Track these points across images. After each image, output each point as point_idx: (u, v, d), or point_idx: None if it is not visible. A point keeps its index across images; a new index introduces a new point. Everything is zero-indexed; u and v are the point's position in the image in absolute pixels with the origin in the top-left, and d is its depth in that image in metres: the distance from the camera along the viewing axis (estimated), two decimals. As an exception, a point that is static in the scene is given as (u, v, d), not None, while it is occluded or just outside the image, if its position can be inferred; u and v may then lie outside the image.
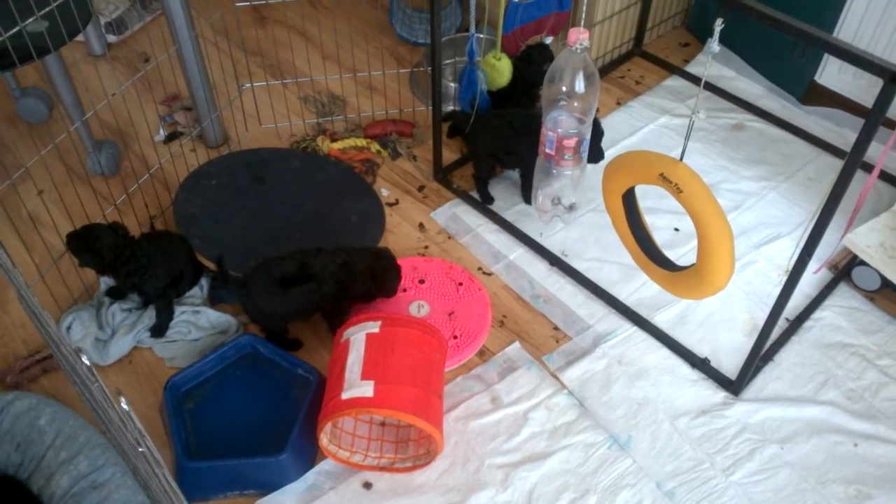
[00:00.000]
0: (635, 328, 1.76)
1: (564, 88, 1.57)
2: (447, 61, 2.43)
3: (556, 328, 1.77)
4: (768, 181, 2.12)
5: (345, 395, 1.39)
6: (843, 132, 2.24)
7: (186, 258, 1.73)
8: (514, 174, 2.09)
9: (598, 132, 1.87)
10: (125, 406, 0.82)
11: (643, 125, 2.29)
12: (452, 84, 2.31)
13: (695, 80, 2.44)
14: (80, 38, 2.49)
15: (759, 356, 1.59)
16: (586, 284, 1.85)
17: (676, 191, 1.43)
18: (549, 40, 2.16)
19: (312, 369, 1.59)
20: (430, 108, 2.00)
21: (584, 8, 2.29)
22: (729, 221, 1.44)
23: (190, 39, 1.97)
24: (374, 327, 1.48)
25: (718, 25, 1.28)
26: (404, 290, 1.80)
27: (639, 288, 1.84)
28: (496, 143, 1.96)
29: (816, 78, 2.28)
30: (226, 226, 1.85)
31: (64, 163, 2.05)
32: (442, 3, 2.26)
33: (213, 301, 1.81)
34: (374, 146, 2.19)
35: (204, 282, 1.81)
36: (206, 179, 1.97)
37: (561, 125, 1.62)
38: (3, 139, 2.20)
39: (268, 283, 1.61)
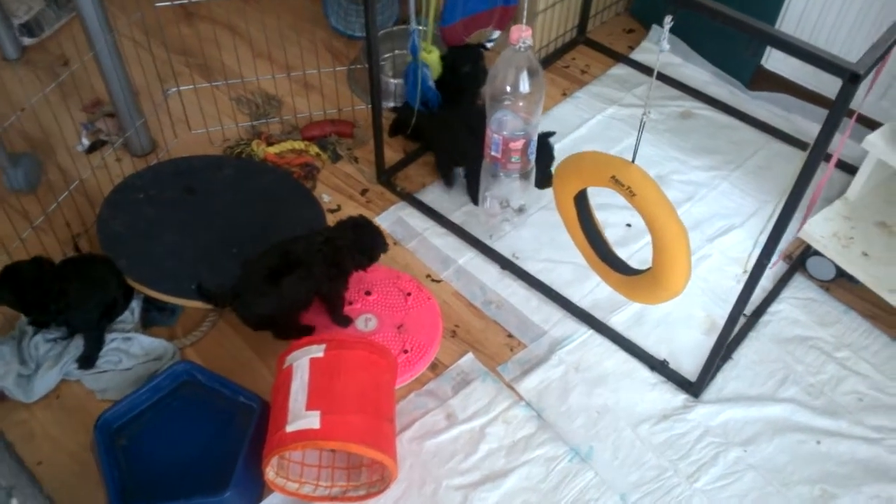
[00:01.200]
0: (591, 332, 1.71)
1: (508, 88, 1.49)
2: (386, 55, 2.34)
3: (510, 335, 1.70)
4: (718, 170, 2.08)
5: (290, 428, 1.30)
6: (792, 118, 2.22)
7: (116, 283, 1.62)
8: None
9: (546, 152, 1.80)
10: None
11: (590, 116, 2.23)
12: (393, 80, 2.21)
13: (641, 67, 2.38)
14: (-10, 41, 2.32)
15: (719, 357, 1.54)
16: (539, 287, 1.78)
17: (629, 194, 1.37)
18: (496, 34, 2.08)
19: (255, 396, 1.50)
20: (370, 106, 1.90)
21: (527, -3, 2.23)
22: (683, 224, 1.38)
23: (106, 42, 1.83)
24: (318, 351, 1.39)
25: (668, 23, 1.21)
26: (350, 304, 1.70)
27: (593, 289, 1.78)
28: (452, 142, 1.88)
29: (763, 63, 2.25)
30: (155, 244, 1.73)
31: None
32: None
33: (146, 325, 1.70)
34: (313, 149, 2.08)
35: (135, 304, 1.69)
36: (132, 193, 1.84)
37: (506, 127, 1.54)
38: None
39: (257, 283, 1.54)
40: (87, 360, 1.60)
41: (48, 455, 1.50)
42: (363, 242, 1.61)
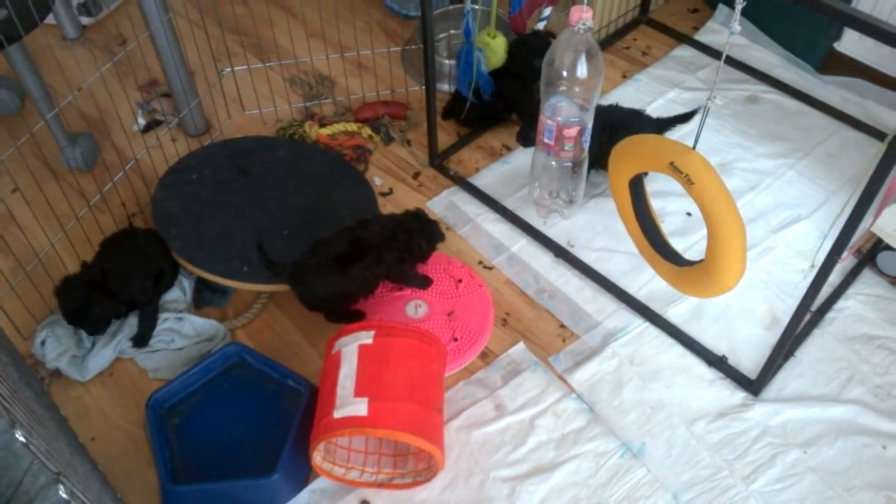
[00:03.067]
0: (647, 324, 1.66)
1: (565, 73, 1.44)
2: (441, 36, 2.30)
3: (562, 326, 1.66)
4: (785, 158, 1.99)
5: (337, 414, 1.29)
6: (866, 103, 2.11)
7: (161, 252, 1.64)
8: (513, 160, 1.96)
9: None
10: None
11: (651, 100, 2.16)
12: (447, 61, 2.17)
13: (706, 49, 2.29)
14: (52, 20, 2.36)
15: (782, 354, 1.48)
16: (594, 277, 1.73)
17: (687, 182, 1.31)
18: (548, 11, 2.02)
19: (303, 380, 1.49)
20: (424, 87, 1.87)
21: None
22: (742, 219, 1.31)
23: (162, 21, 1.83)
24: (367, 338, 1.38)
25: (740, 3, 1.14)
26: (400, 289, 1.69)
27: (650, 280, 1.72)
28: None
29: (836, 45, 2.14)
30: (208, 225, 1.73)
31: (40, 158, 1.93)
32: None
33: (198, 306, 1.71)
34: (366, 131, 2.06)
35: (187, 284, 1.70)
36: (186, 174, 1.85)
37: (561, 113, 1.49)
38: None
39: (323, 265, 1.52)
40: (142, 339, 1.61)
41: (101, 431, 1.52)
42: (424, 228, 1.59)
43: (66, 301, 1.55)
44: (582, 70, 1.43)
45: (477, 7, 1.95)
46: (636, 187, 1.49)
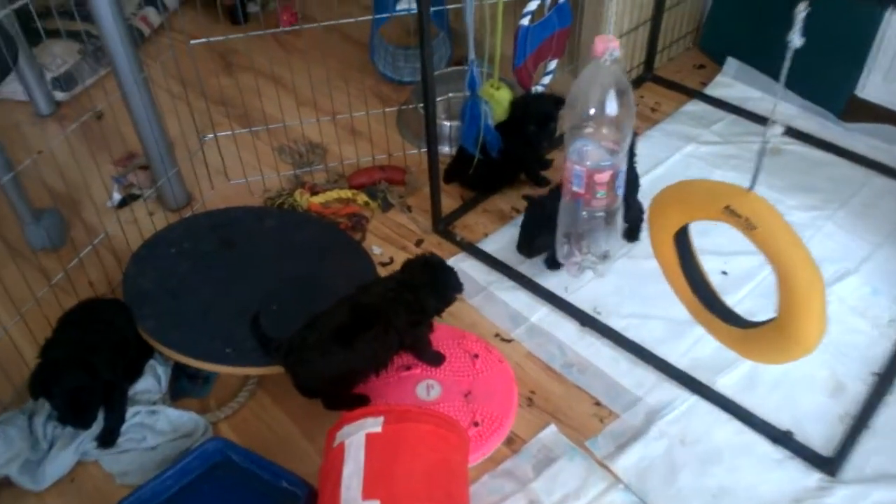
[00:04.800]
0: (695, 397, 1.44)
1: (592, 111, 1.28)
2: (439, 98, 2.16)
3: (597, 403, 1.44)
4: (820, 210, 1.82)
5: (342, 523, 1.05)
6: (894, 150, 1.97)
7: (126, 323, 1.44)
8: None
9: (633, 181, 1.59)
10: None
11: (667, 156, 2.01)
12: (447, 123, 2.03)
13: (717, 103, 2.17)
14: (23, 97, 2.21)
15: (862, 427, 1.26)
16: (628, 346, 1.53)
17: (747, 227, 1.13)
18: (553, 64, 1.89)
19: (300, 481, 1.25)
20: (425, 150, 1.71)
21: (583, 23, 2.05)
22: (816, 263, 1.13)
23: (137, 87, 1.67)
24: (374, 426, 1.15)
25: (802, 11, 0.99)
26: (407, 369, 1.47)
27: (692, 346, 1.52)
28: None
29: (857, 92, 2.01)
30: (187, 303, 1.52)
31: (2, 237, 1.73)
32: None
33: (175, 396, 1.48)
34: (362, 197, 1.88)
35: (161, 372, 1.47)
36: (162, 247, 1.65)
37: (589, 157, 1.32)
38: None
39: (325, 340, 1.31)
40: (109, 436, 1.38)
41: (58, 553, 1.27)
42: (438, 283, 1.38)
43: (62, 387, 1.30)
44: (611, 108, 1.27)
45: (483, 70, 1.82)
46: (682, 241, 1.30)
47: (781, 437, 1.36)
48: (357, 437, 1.14)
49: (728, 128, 2.09)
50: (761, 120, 2.07)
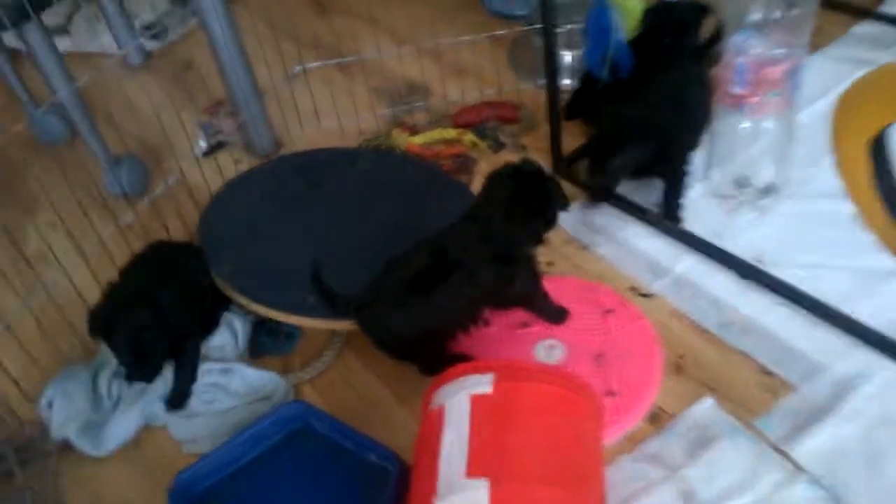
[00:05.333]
0: (900, 366, 1.10)
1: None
2: (560, 30, 1.87)
3: (767, 372, 1.13)
4: None
5: (441, 505, 0.80)
6: None
7: (201, 270, 1.26)
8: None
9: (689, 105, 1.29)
10: None
11: (836, 83, 1.63)
12: (568, 53, 1.74)
13: (896, 22, 1.78)
14: (114, 49, 2.10)
15: None
16: (805, 302, 1.20)
17: None
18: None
19: (391, 453, 1.02)
20: (543, 83, 1.44)
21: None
22: None
23: (221, 24, 1.50)
24: (482, 385, 0.90)
25: None
26: (524, 326, 1.20)
27: (890, 302, 1.18)
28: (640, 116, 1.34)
29: None
30: (269, 250, 1.33)
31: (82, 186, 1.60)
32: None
33: (255, 354, 1.28)
34: (469, 137, 1.63)
35: (239, 326, 1.27)
36: (244, 190, 1.47)
37: (756, 46, 1.01)
38: (14, 163, 1.79)
39: (397, 291, 1.09)
40: (179, 397, 1.19)
41: (117, 530, 1.09)
42: (534, 199, 1.10)
43: (123, 326, 1.12)
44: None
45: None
46: (879, 151, 0.98)
47: None
48: (460, 398, 0.89)
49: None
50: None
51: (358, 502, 1.00)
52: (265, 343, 1.28)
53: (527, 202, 1.11)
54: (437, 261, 1.08)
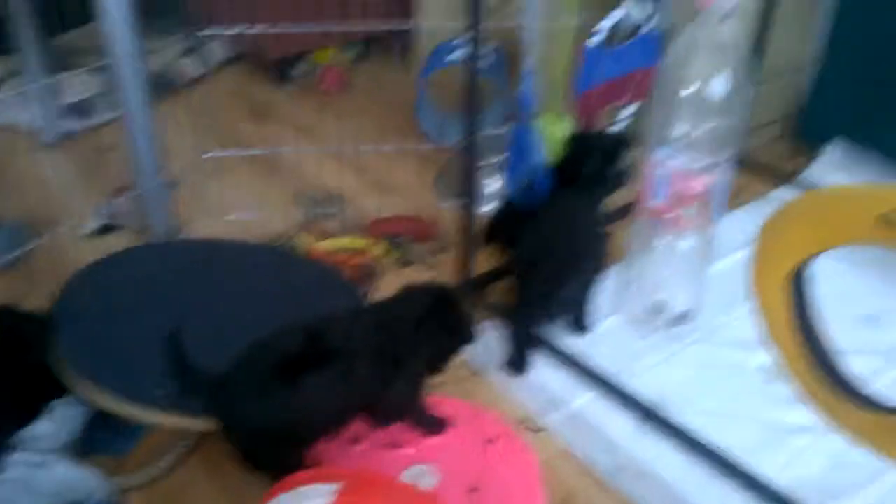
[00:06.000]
0: (802, 532, 0.99)
1: (691, 89, 0.94)
2: (494, 160, 1.86)
3: (658, 526, 1.00)
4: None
5: None
6: None
7: (35, 341, 1.09)
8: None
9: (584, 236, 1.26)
10: None
11: (754, 238, 1.63)
12: (495, 183, 1.71)
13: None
14: (27, 125, 2.02)
15: None
16: (706, 452, 1.10)
17: (918, 245, 0.75)
18: (630, 110, 1.58)
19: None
20: (462, 199, 1.39)
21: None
22: None
23: (137, 103, 1.45)
24: (323, 496, 0.75)
25: None
26: (396, 447, 1.07)
27: (794, 459, 1.10)
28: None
29: None
30: (126, 333, 1.18)
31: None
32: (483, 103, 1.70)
33: (86, 451, 1.10)
34: (379, 247, 1.55)
35: (67, 414, 1.10)
36: (121, 268, 1.34)
37: (677, 160, 0.97)
38: None
39: (262, 374, 0.94)
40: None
41: None
42: (446, 321, 1.02)
43: None
44: (720, 85, 0.93)
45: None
46: (799, 286, 0.92)
47: None
48: (290, 510, 0.74)
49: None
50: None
51: None
52: (100, 439, 1.11)
53: (439, 321, 1.01)
54: (311, 347, 0.96)
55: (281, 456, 0.95)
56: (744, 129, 1.86)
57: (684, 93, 0.95)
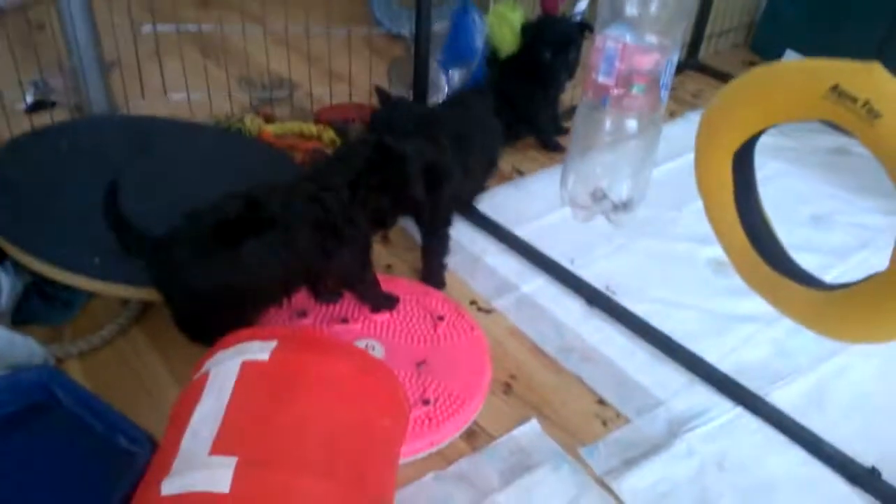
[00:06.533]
0: (740, 409, 1.02)
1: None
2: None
3: (600, 402, 1.02)
4: (897, 216, 1.44)
5: (168, 487, 0.62)
6: None
7: None
8: (529, 186, 1.40)
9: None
10: None
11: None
12: (447, 75, 1.66)
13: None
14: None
15: None
16: (651, 336, 1.12)
17: (868, 118, 0.74)
18: (583, 4, 1.54)
19: (143, 436, 0.83)
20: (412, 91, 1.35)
21: None
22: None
23: None
24: (259, 351, 0.73)
25: None
26: (344, 321, 1.06)
27: (737, 347, 1.12)
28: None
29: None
30: (64, 204, 1.13)
31: None
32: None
33: (21, 318, 1.06)
34: (328, 134, 1.51)
35: (5, 283, 1.06)
36: (54, 140, 1.27)
37: (628, 35, 0.95)
38: None
39: (200, 240, 0.91)
40: None
41: None
42: (390, 177, 0.98)
43: None
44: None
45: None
46: (744, 163, 0.91)
47: (863, 476, 0.93)
48: (230, 365, 0.73)
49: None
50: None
51: (96, 492, 0.80)
52: (35, 308, 1.07)
53: (382, 178, 0.98)
54: (250, 213, 0.93)
55: (222, 322, 0.92)
56: (700, 32, 1.89)
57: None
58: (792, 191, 1.47)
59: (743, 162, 0.91)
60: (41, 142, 1.25)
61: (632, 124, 1.02)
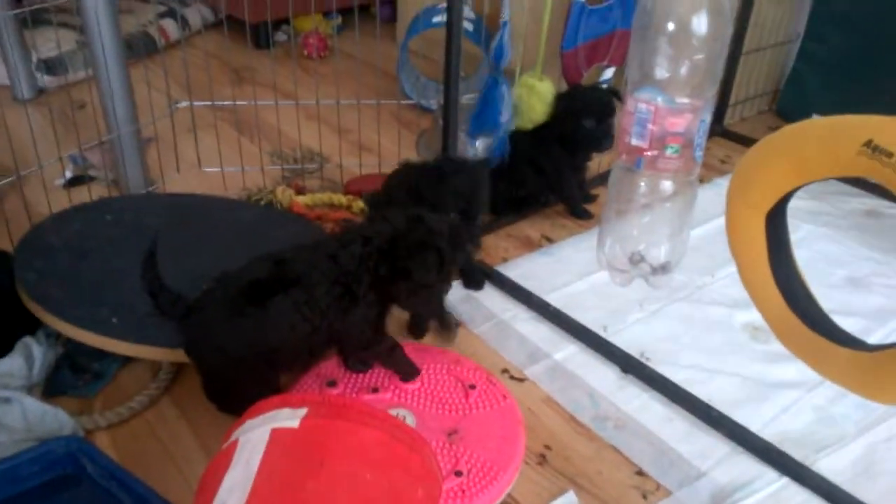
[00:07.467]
0: (786, 480, 0.98)
1: (671, 27, 0.92)
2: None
3: (639, 473, 0.99)
4: (939, 278, 1.41)
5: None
6: None
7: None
8: (557, 252, 1.40)
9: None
10: None
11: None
12: (475, 141, 1.68)
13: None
14: (4, 79, 1.96)
15: None
16: (689, 403, 1.08)
17: (903, 173, 0.73)
18: (609, 73, 1.56)
19: (172, 510, 0.81)
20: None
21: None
22: None
23: (109, 55, 1.40)
24: (290, 418, 0.72)
25: None
26: (374, 391, 1.04)
27: (779, 415, 1.08)
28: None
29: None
30: (94, 267, 1.14)
31: None
32: (466, 70, 1.66)
33: (51, 391, 1.06)
34: (358, 204, 1.52)
35: (37, 353, 1.06)
36: (97, 213, 1.30)
37: (659, 97, 0.95)
38: None
39: (231, 301, 0.93)
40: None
41: None
42: (413, 239, 0.96)
43: None
44: (699, 25, 0.91)
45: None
46: (776, 223, 0.90)
47: (924, 552, 0.88)
48: (260, 432, 0.71)
49: (817, 186, 1.71)
50: (859, 182, 1.70)
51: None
52: (65, 379, 1.07)
53: (385, 258, 0.97)
54: (277, 272, 0.93)
55: (251, 388, 0.92)
56: (725, 99, 1.90)
57: (667, 28, 0.93)
58: (826, 253, 1.45)
59: (776, 222, 0.89)
60: (87, 214, 1.29)
61: (667, 185, 1.01)
